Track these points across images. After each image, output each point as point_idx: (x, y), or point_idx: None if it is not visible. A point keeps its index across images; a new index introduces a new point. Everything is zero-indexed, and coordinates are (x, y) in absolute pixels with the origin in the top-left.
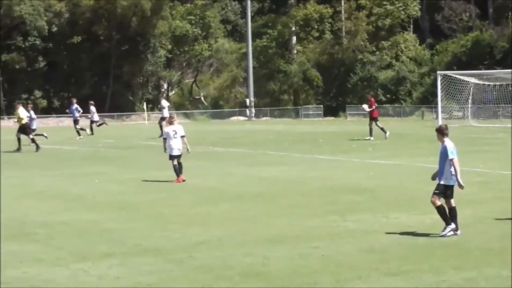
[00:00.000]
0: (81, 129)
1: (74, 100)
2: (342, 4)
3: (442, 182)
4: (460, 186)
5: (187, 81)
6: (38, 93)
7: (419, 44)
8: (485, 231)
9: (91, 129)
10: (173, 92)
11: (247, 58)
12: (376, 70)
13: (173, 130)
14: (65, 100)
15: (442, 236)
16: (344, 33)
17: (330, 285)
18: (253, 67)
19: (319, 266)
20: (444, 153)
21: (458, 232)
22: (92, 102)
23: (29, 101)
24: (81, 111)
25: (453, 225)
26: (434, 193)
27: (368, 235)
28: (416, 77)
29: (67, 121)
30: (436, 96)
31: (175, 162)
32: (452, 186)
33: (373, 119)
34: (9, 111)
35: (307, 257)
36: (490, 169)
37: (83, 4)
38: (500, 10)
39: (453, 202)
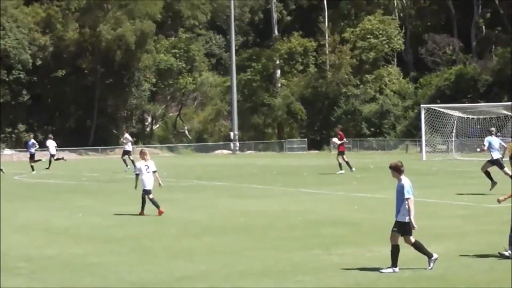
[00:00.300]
0: (37, 160)
1: (31, 135)
2: (326, 37)
3: (399, 220)
4: (412, 227)
5: (171, 114)
6: (21, 127)
7: (403, 78)
8: (469, 264)
9: (49, 163)
10: (157, 125)
11: (231, 91)
12: (360, 104)
13: (146, 165)
14: (49, 133)
15: (381, 271)
16: (328, 67)
17: None
18: (238, 101)
19: None
20: (401, 192)
21: (435, 255)
22: (51, 136)
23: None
24: (37, 146)
25: (397, 269)
26: (393, 230)
27: (353, 269)
28: (400, 111)
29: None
30: (420, 129)
31: (151, 196)
32: (409, 223)
33: (340, 153)
34: None
35: None
36: (474, 202)
37: (67, 38)
38: (483, 44)
39: (412, 238)
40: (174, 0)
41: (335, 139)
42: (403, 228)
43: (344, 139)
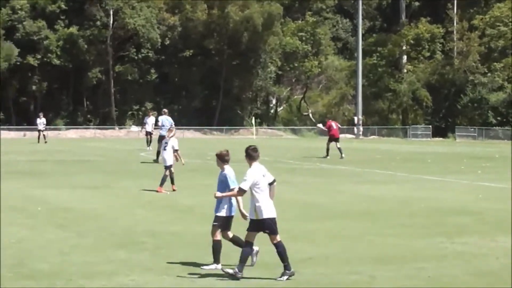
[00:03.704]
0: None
1: (41, 114)
2: (454, 24)
3: (221, 214)
4: (244, 217)
5: (295, 97)
6: (148, 105)
7: None
8: None
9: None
10: (282, 107)
11: (356, 75)
12: (487, 92)
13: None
14: (175, 112)
15: (203, 268)
16: (455, 54)
17: None
18: (362, 85)
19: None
20: (224, 182)
21: (256, 248)
22: (40, 114)
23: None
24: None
25: (219, 266)
26: (213, 225)
27: (476, 258)
28: None
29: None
30: None
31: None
32: (232, 216)
33: (334, 139)
34: (120, 121)
35: (412, 278)
36: None
37: (195, 18)
38: None
39: (230, 233)
40: None
41: (319, 125)
42: (224, 223)
43: (336, 126)
